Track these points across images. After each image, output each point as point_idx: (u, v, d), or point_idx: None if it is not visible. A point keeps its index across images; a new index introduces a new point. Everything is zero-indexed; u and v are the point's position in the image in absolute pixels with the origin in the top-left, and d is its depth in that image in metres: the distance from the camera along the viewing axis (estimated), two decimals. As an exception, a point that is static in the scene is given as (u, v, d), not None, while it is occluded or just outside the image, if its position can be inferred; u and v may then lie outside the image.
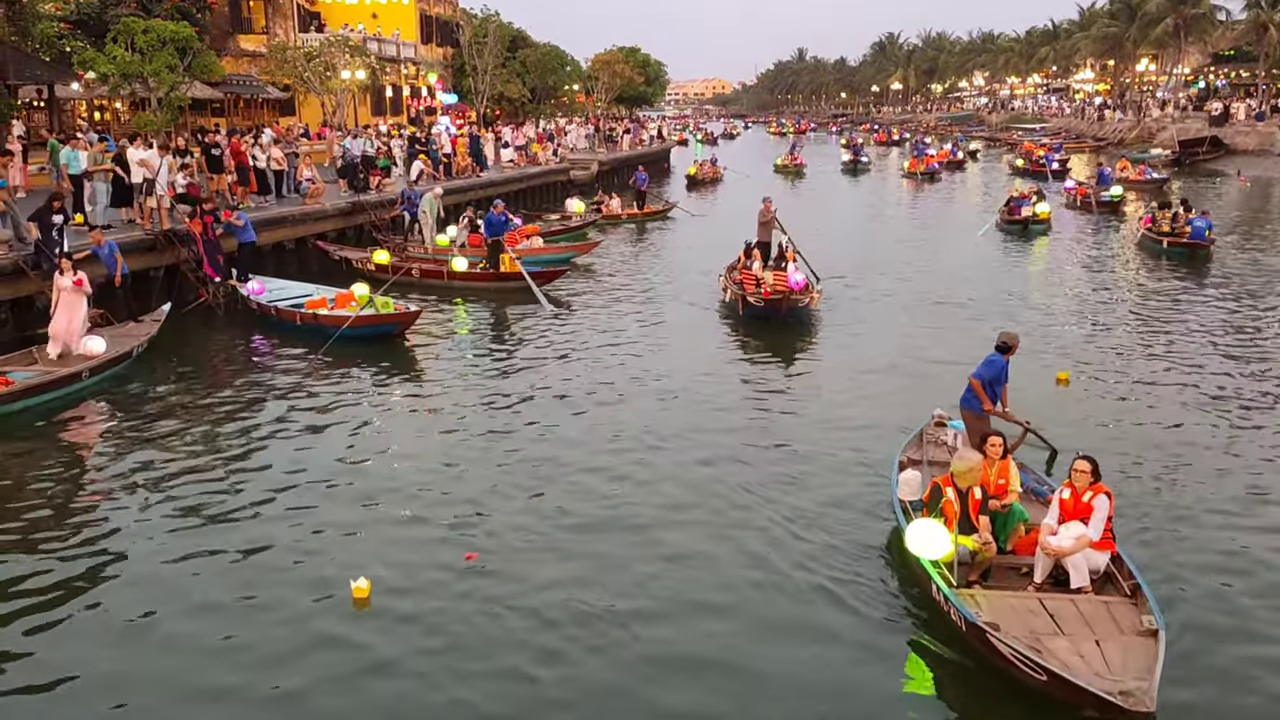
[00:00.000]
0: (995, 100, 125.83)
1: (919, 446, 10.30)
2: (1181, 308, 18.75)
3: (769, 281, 17.51)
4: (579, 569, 8.43)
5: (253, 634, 7.56)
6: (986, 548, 7.58)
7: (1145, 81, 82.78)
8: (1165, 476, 10.44)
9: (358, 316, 16.03)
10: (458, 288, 20.62)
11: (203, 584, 8.30)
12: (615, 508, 9.72)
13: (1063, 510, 7.67)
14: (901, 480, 9.03)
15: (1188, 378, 14.00)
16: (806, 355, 15.86)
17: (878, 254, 25.44)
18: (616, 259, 25.54)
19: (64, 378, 13.24)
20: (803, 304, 17.23)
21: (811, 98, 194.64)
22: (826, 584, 8.14)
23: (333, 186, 27.05)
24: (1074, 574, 7.39)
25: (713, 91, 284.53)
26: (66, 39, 33.22)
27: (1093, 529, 7.47)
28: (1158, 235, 24.57)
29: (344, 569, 8.34)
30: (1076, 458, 7.77)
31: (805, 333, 17.01)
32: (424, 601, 7.94)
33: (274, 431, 12.13)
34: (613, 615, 7.68)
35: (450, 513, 9.60)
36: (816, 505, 9.66)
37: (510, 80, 59.09)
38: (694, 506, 9.74)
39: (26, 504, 10.00)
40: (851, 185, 49.21)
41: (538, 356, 15.51)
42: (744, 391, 13.65)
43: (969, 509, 7.78)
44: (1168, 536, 9.01)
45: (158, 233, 18.50)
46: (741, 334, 16.90)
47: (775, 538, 9.02)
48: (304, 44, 45.51)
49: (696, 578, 8.34)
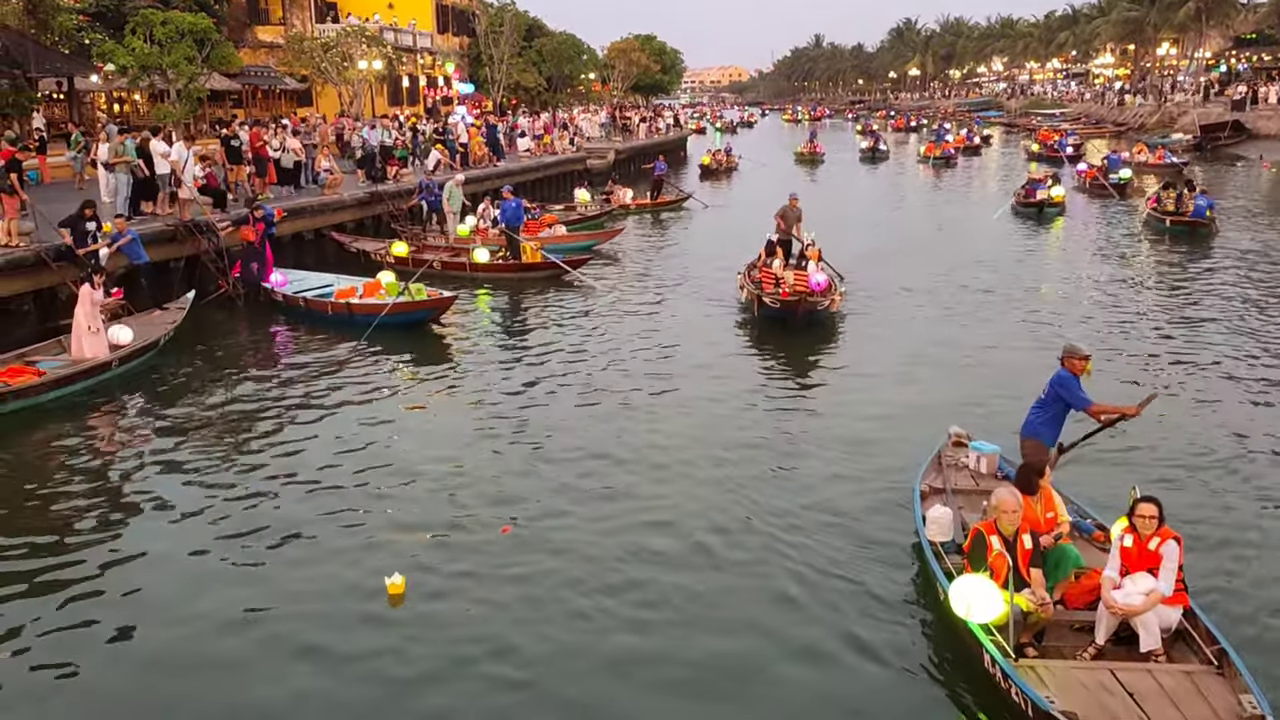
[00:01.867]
0: (1014, 86, 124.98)
1: (938, 471, 9.25)
2: (1189, 284, 19.22)
3: (789, 281, 16.41)
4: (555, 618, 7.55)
5: (288, 613, 7.66)
6: (1044, 608, 6.57)
7: (1166, 66, 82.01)
8: (1215, 483, 9.62)
9: (396, 304, 16.09)
10: (480, 278, 20.58)
11: (242, 571, 8.37)
12: (605, 545, 8.68)
13: (1125, 559, 6.66)
14: (930, 520, 7.92)
15: (1215, 362, 13.93)
16: (824, 360, 14.77)
17: (897, 244, 25.22)
18: (630, 253, 24.89)
19: (95, 367, 13.37)
20: (822, 306, 16.02)
21: (829, 85, 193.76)
22: (850, 638, 7.18)
23: (351, 177, 27.13)
24: (1144, 635, 6.39)
25: (729, 79, 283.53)
26: (86, 31, 33.41)
27: (1164, 583, 6.48)
28: (1162, 214, 25.63)
29: (383, 558, 8.38)
30: (1138, 500, 6.72)
31: (824, 335, 15.91)
32: (460, 592, 7.94)
33: (308, 418, 12.23)
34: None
35: (480, 500, 9.63)
36: (834, 538, 8.64)
37: (526, 69, 59.14)
38: (697, 534, 8.81)
39: (64, 492, 10.09)
40: (871, 173, 48.76)
41: (545, 355, 15.10)
42: (754, 401, 12.63)
43: (1018, 559, 6.72)
44: (1230, 568, 8.02)
45: (178, 224, 18.59)
46: (756, 337, 15.92)
47: (790, 582, 7.95)
48: (321, 34, 45.68)
49: (696, 623, 7.40)
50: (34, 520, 9.49)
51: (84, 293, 13.63)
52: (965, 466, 9.29)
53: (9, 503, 9.87)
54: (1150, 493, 7.00)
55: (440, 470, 10.41)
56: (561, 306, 18.40)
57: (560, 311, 18.04)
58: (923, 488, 8.80)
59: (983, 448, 9.30)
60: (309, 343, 16.05)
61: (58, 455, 11.17)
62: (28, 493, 10.12)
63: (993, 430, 10.13)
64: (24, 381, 12.50)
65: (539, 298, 19.10)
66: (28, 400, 12.37)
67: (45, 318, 15.88)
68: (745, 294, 16.98)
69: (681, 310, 17.96)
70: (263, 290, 18.25)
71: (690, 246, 26.19)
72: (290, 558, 8.63)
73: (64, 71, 31.73)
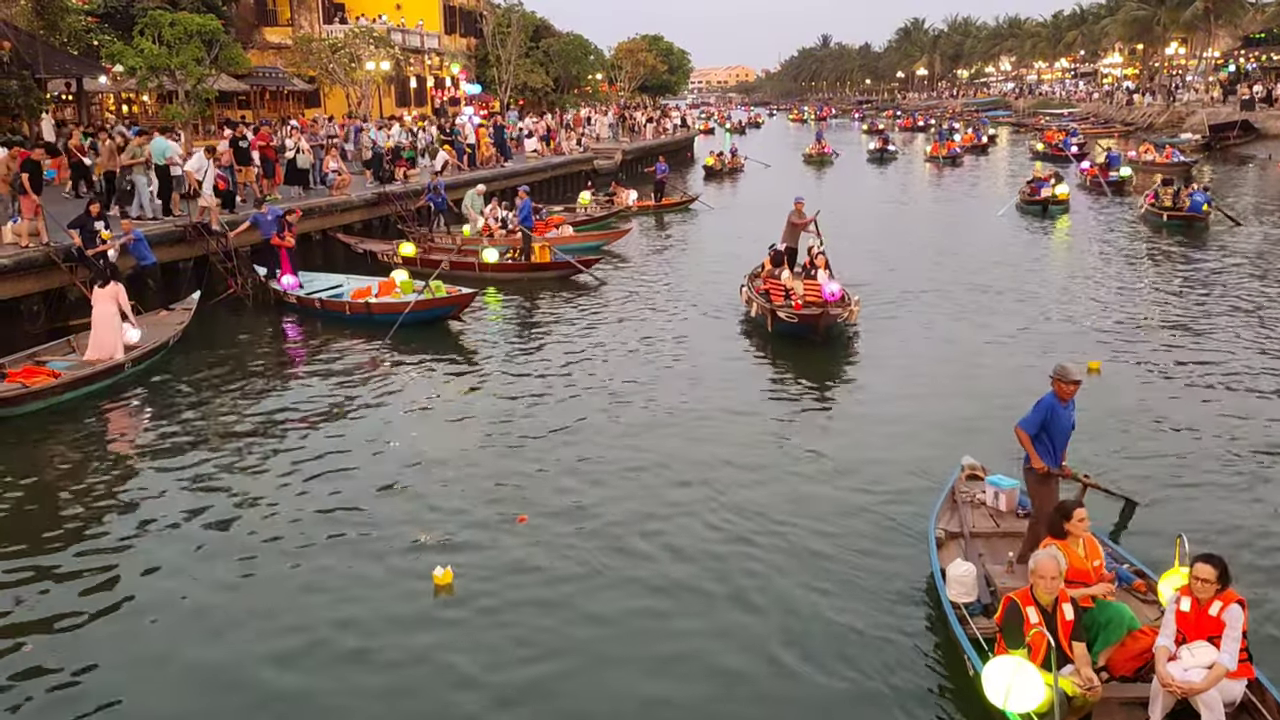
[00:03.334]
0: (1022, 85, 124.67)
1: (953, 511, 8.40)
2: (1202, 280, 19.50)
3: (799, 293, 15.44)
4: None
5: (335, 605, 7.76)
6: (1091, 691, 5.77)
7: (1175, 65, 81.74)
8: (1243, 498, 9.27)
9: (419, 301, 16.19)
10: (489, 278, 20.53)
11: (284, 570, 8.42)
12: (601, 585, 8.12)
13: (1181, 625, 5.86)
14: (951, 579, 7.04)
15: (1224, 362, 13.89)
16: (833, 374, 13.96)
17: (906, 245, 25.07)
18: (632, 257, 24.12)
19: (109, 369, 13.43)
20: (842, 319, 15.07)
21: (836, 84, 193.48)
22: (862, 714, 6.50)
23: (358, 178, 27.16)
24: (1206, 715, 5.60)
25: (736, 79, 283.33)
26: (94, 32, 33.46)
27: (1227, 655, 5.68)
28: (1159, 209, 26.50)
29: (419, 551, 8.51)
30: (1196, 560, 5.90)
31: (834, 347, 15.00)
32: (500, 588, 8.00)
33: (328, 415, 12.39)
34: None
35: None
36: (841, 585, 7.88)
37: (533, 70, 59.12)
38: (688, 579, 8.09)
39: (83, 495, 10.10)
40: (880, 175, 48.41)
41: (556, 357, 14.99)
42: (760, 421, 11.82)
43: (1059, 634, 5.90)
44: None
45: (186, 225, 18.63)
46: (770, 354, 14.97)
47: (788, 642, 7.16)
48: (329, 35, 45.73)
49: (694, 693, 6.73)
50: (63, 522, 9.51)
51: (105, 292, 13.66)
52: (982, 503, 8.57)
53: (40, 504, 9.92)
54: (1204, 544, 6.43)
55: (470, 464, 10.53)
56: (572, 306, 18.43)
57: (571, 312, 18.06)
58: (938, 532, 7.99)
59: (1000, 483, 8.55)
60: (328, 342, 16.15)
61: (72, 456, 11.21)
62: (56, 494, 10.16)
63: (1011, 453, 9.06)
64: (42, 383, 12.56)
65: (549, 298, 19.13)
66: (44, 401, 12.42)
67: (54, 318, 15.93)
68: (755, 309, 15.85)
69: (685, 326, 16.81)
70: (272, 290, 18.28)
71: (695, 248, 26.18)
72: (342, 549, 8.71)
73: (73, 73, 31.81)
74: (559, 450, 11.00)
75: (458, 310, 16.71)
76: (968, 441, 10.17)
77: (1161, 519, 8.79)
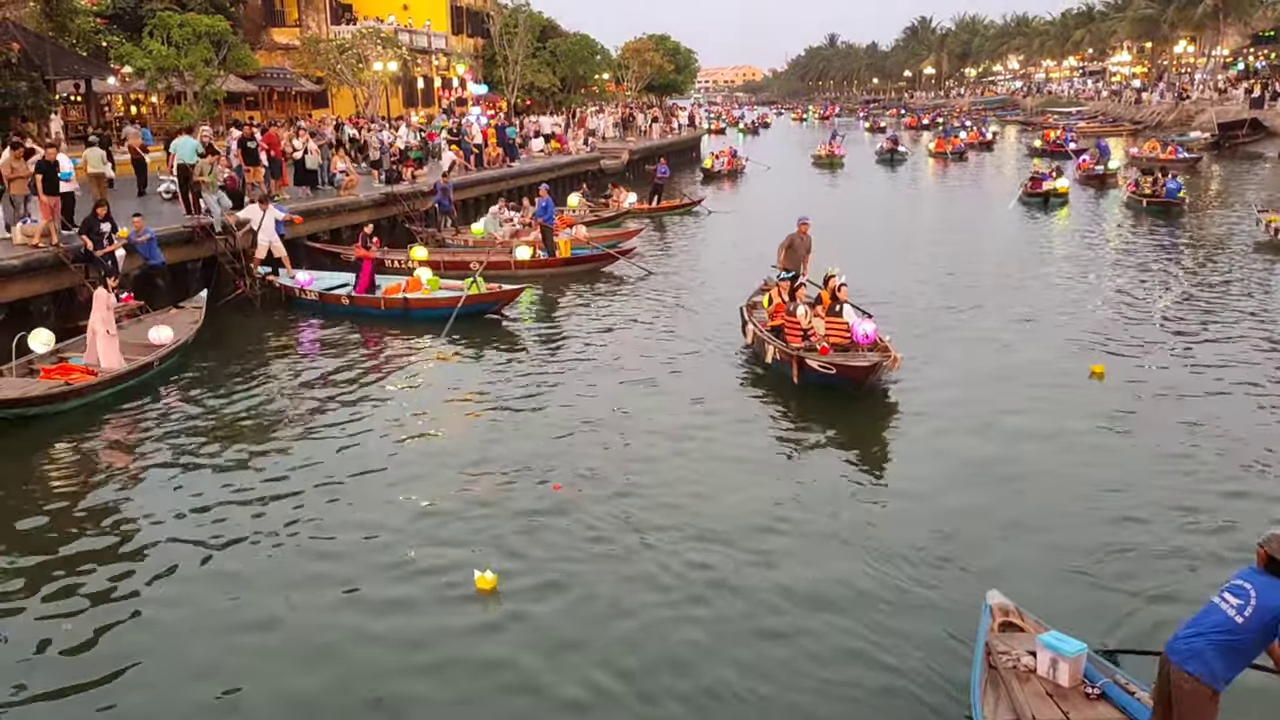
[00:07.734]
0: (1030, 84, 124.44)
1: (996, 685, 6.07)
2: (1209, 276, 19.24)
3: (820, 333, 12.84)
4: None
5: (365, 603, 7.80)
6: None
7: (1183, 63, 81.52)
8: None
9: (469, 296, 16.55)
10: (524, 275, 20.45)
11: (325, 566, 8.43)
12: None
13: None
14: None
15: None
16: (855, 430, 11.60)
17: (927, 260, 22.80)
18: (631, 267, 21.66)
19: (140, 366, 13.57)
20: (887, 369, 12.41)
21: (843, 84, 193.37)
22: None
23: (366, 178, 27.21)
24: None
25: (743, 79, 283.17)
26: (103, 34, 33.64)
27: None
28: (1140, 196, 29.76)
29: (462, 551, 8.52)
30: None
31: (867, 402, 12.35)
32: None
33: (359, 411, 12.46)
34: None
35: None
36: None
37: (540, 70, 59.18)
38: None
39: (123, 493, 10.16)
40: (890, 177, 46.62)
41: (590, 353, 14.99)
42: (791, 511, 9.33)
43: None
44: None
45: (194, 226, 18.68)
46: (794, 407, 12.33)
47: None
48: (336, 36, 45.87)
49: None
50: (106, 518, 9.54)
51: (99, 297, 13.72)
52: (1030, 671, 6.07)
53: (87, 501, 9.95)
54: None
55: (512, 463, 10.52)
56: (602, 302, 18.74)
57: (601, 307, 18.29)
58: (985, 711, 5.81)
59: (1059, 647, 6.01)
60: (337, 338, 16.29)
61: (105, 452, 11.36)
62: (100, 492, 10.18)
63: (1056, 576, 7.56)
64: (83, 380, 12.71)
65: (579, 293, 19.54)
66: (84, 399, 12.56)
67: (64, 319, 15.99)
68: (770, 353, 13.19)
69: (684, 362, 14.44)
70: (282, 289, 18.34)
71: (699, 250, 25.87)
72: (376, 548, 8.72)
73: (82, 74, 31.95)
74: (603, 451, 10.84)
75: (503, 305, 17.15)
76: (993, 561, 8.07)
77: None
